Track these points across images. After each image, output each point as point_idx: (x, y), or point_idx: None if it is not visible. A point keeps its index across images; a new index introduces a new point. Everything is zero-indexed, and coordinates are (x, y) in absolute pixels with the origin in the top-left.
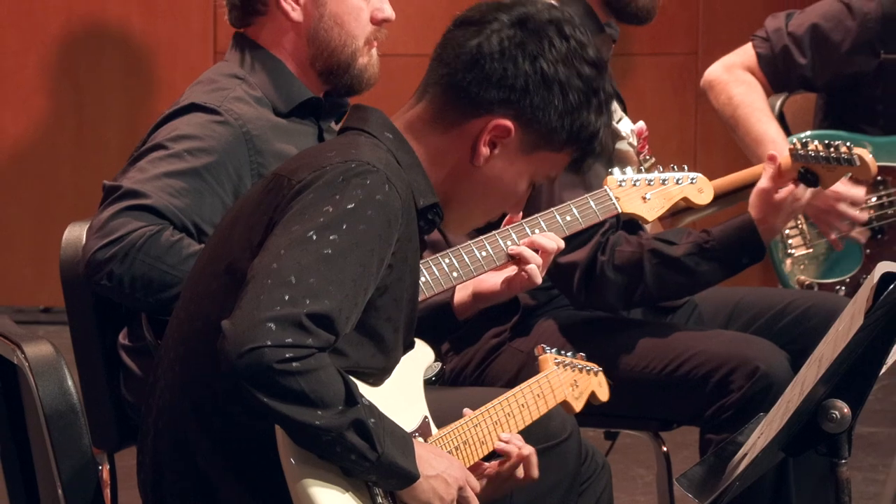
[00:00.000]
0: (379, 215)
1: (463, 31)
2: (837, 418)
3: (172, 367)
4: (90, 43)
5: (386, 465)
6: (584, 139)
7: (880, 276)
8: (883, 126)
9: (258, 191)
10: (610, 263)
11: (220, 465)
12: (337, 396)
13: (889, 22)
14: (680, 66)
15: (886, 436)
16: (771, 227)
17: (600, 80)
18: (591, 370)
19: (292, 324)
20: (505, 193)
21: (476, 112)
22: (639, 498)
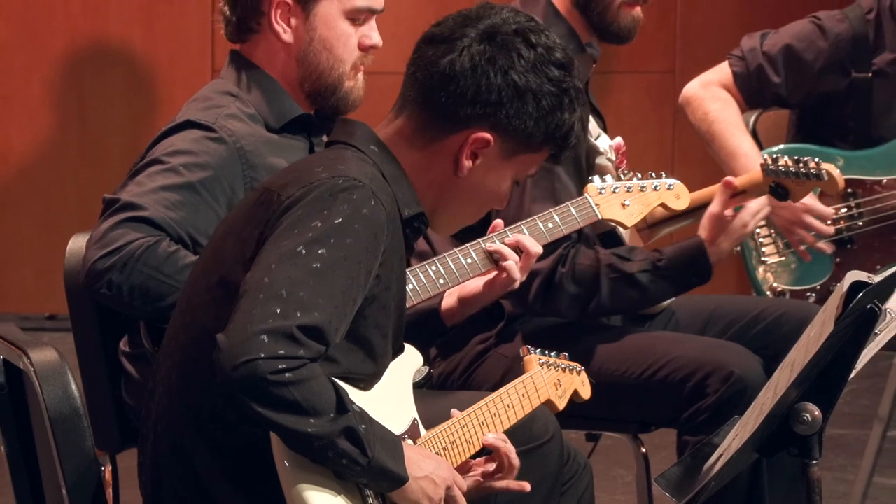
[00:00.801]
0: (365, 229)
1: (434, 48)
2: (809, 421)
3: (170, 374)
4: (93, 61)
5: (376, 468)
6: (560, 137)
7: (850, 285)
8: (853, 141)
9: (249, 204)
10: (569, 275)
11: (216, 467)
12: (328, 405)
13: (859, 42)
14: (658, 84)
15: (855, 437)
16: (719, 250)
17: (569, 79)
18: (573, 369)
19: (284, 336)
20: (489, 196)
21: (455, 128)
22: (619, 497)
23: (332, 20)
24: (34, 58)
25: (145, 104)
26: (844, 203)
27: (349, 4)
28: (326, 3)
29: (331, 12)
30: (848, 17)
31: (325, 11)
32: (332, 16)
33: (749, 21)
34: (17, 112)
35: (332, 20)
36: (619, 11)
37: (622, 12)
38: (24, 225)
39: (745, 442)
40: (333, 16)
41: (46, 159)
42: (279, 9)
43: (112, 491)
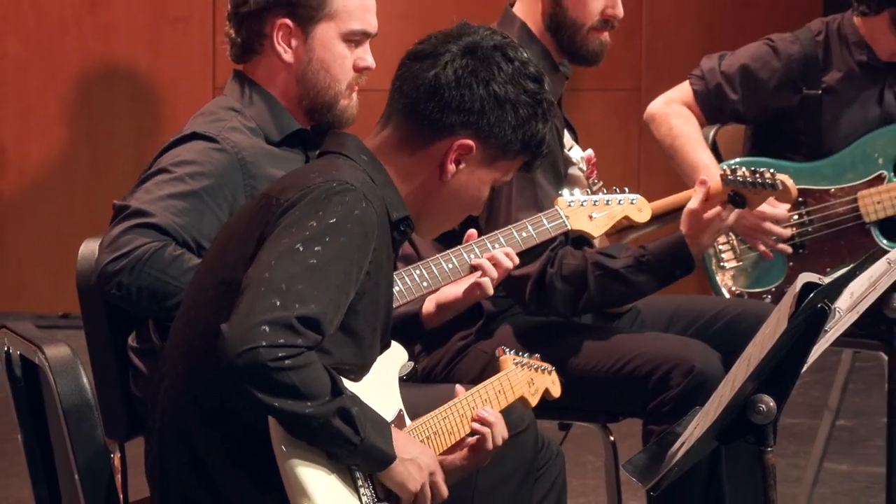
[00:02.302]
0: (357, 228)
1: (419, 63)
2: (764, 411)
3: (175, 366)
4: (103, 80)
5: (367, 447)
6: (534, 145)
7: (801, 286)
8: (805, 153)
9: (250, 209)
10: (558, 275)
11: (220, 452)
12: (324, 389)
13: (809, 62)
14: (625, 101)
15: (807, 426)
16: (699, 244)
17: (542, 92)
18: (545, 370)
19: (284, 326)
20: (470, 200)
21: (440, 135)
22: (589, 482)
23: (329, 42)
24: (48, 76)
25: (150, 119)
26: (796, 211)
27: (345, 28)
28: (324, 25)
29: (328, 35)
30: (799, 39)
31: (323, 34)
32: (330, 38)
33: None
34: (32, 126)
35: (330, 42)
36: (588, 36)
37: (591, 37)
38: (39, 230)
39: (706, 431)
40: (331, 38)
41: (59, 170)
42: (281, 31)
43: (121, 476)
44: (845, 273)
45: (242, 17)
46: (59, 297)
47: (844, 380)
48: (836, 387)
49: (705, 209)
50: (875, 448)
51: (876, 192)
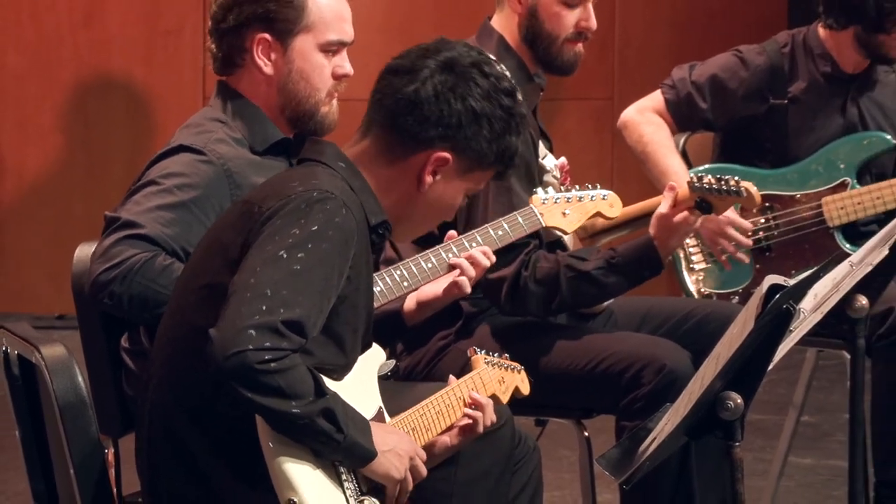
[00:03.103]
0: (338, 235)
1: (398, 78)
2: (732, 407)
3: (162, 367)
4: (98, 91)
5: (350, 444)
6: (508, 157)
7: (768, 288)
8: (771, 160)
9: (231, 216)
10: (532, 278)
11: (207, 447)
12: (308, 389)
13: (776, 73)
14: (599, 110)
15: (773, 422)
16: (667, 246)
17: (516, 106)
18: (514, 368)
19: (269, 330)
20: (445, 208)
21: (418, 148)
22: (564, 476)
23: (307, 53)
24: (46, 87)
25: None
26: (763, 215)
27: (322, 39)
28: (302, 38)
29: (306, 46)
30: (766, 51)
31: (301, 46)
32: (308, 49)
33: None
34: (30, 135)
35: (308, 53)
36: (563, 47)
37: (565, 48)
38: (37, 234)
39: (676, 427)
40: (308, 49)
41: (56, 176)
42: (260, 45)
43: (115, 471)
44: (809, 275)
45: (223, 32)
46: (56, 298)
47: (808, 377)
48: (800, 384)
49: (673, 213)
50: (837, 443)
51: (839, 197)
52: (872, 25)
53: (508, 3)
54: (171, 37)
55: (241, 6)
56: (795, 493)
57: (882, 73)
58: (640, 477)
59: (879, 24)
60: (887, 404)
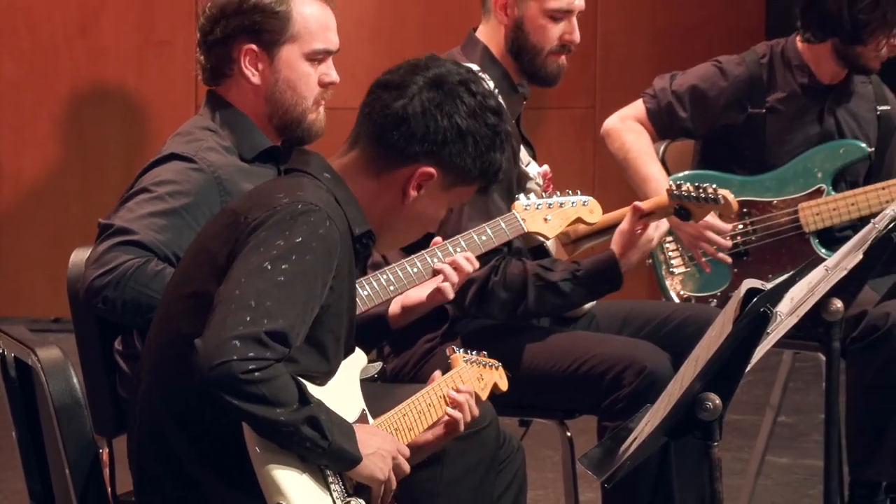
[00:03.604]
0: (321, 247)
1: (387, 93)
2: (711, 408)
3: (150, 372)
4: (93, 99)
5: (335, 450)
6: (492, 174)
7: (745, 291)
8: (749, 168)
9: (218, 225)
10: (501, 283)
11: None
12: (292, 397)
13: (754, 83)
14: (581, 119)
15: (750, 422)
16: (629, 261)
17: (501, 124)
18: (492, 366)
19: (253, 340)
20: (428, 221)
21: (404, 162)
22: (548, 475)
23: (293, 62)
24: (42, 96)
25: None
26: (741, 221)
27: (308, 48)
28: (288, 47)
29: (292, 56)
30: (745, 61)
31: (287, 55)
32: (294, 59)
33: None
34: (27, 142)
35: (294, 62)
36: (546, 59)
37: (549, 60)
38: (34, 239)
39: (656, 427)
40: (295, 58)
41: (53, 183)
42: (247, 55)
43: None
44: (786, 279)
45: (210, 44)
46: (52, 302)
47: (785, 379)
48: (777, 385)
49: (634, 229)
50: (813, 443)
51: (815, 204)
52: (849, 38)
53: (495, 15)
54: (163, 47)
55: (228, 18)
56: (772, 492)
57: (858, 85)
58: (622, 476)
59: (856, 36)
60: (861, 405)
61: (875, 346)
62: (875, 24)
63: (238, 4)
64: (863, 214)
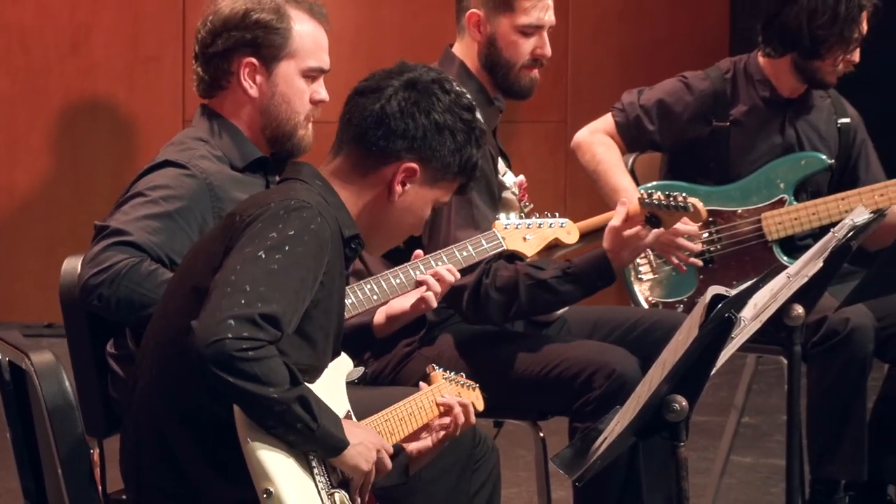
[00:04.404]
0: (313, 241)
1: (365, 97)
2: (677, 410)
3: (150, 369)
4: (84, 114)
5: (324, 434)
6: (469, 168)
7: (710, 297)
8: (714, 178)
9: (216, 228)
10: (492, 286)
11: (191, 447)
12: (284, 378)
13: (719, 97)
14: (553, 132)
15: (716, 423)
16: (619, 259)
17: (476, 121)
18: (470, 386)
19: (247, 321)
20: (415, 219)
21: (387, 160)
22: (521, 474)
23: (290, 78)
24: (35, 110)
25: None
26: (707, 229)
27: (304, 65)
28: (286, 63)
29: (289, 71)
30: (709, 77)
31: (285, 71)
32: (291, 74)
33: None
34: (20, 155)
35: (291, 78)
36: (519, 73)
37: (521, 74)
38: (27, 248)
39: (625, 428)
40: (291, 74)
41: (45, 193)
42: (247, 68)
43: (100, 470)
44: (749, 286)
45: (210, 56)
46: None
47: (749, 382)
48: (741, 388)
49: (625, 228)
50: (776, 443)
51: (778, 213)
52: (808, 53)
53: (469, 32)
54: (152, 63)
55: (230, 31)
56: (736, 490)
57: (817, 99)
58: (592, 475)
59: (815, 52)
60: (821, 407)
61: (835, 350)
62: (833, 41)
63: (241, 19)
64: (823, 224)
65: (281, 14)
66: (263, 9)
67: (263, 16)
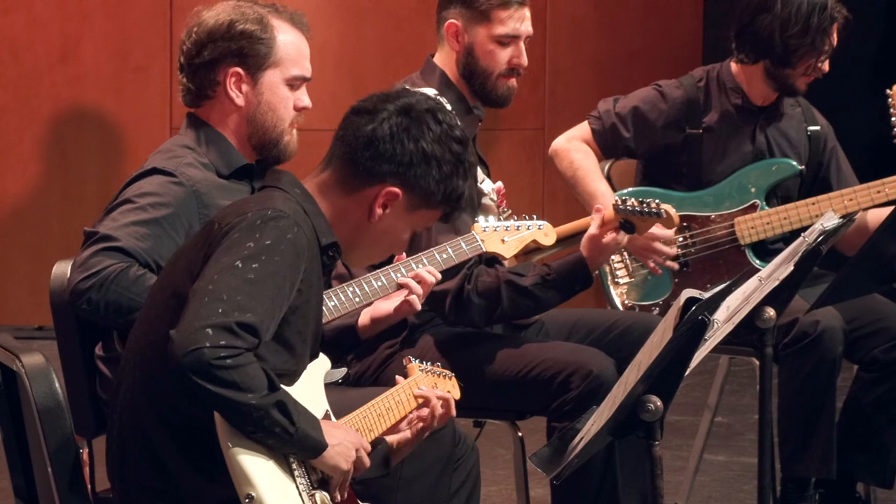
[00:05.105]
0: (289, 250)
1: (360, 117)
2: (652, 410)
3: (133, 371)
4: (73, 122)
5: (302, 437)
6: (454, 199)
7: (685, 300)
8: (687, 184)
9: (196, 235)
10: (474, 291)
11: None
12: (262, 384)
13: (692, 105)
14: (531, 139)
15: (689, 423)
16: (596, 263)
17: (465, 153)
18: (446, 375)
19: (225, 330)
20: (393, 241)
21: (372, 181)
22: (500, 472)
23: (275, 87)
24: (25, 119)
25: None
26: (681, 234)
27: (288, 73)
28: (271, 72)
29: (274, 80)
30: (683, 85)
31: (270, 79)
32: (276, 83)
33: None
34: (11, 163)
35: (276, 87)
36: (497, 82)
37: (499, 83)
38: (18, 253)
39: (602, 427)
40: (276, 83)
41: (36, 200)
42: (233, 77)
43: (89, 469)
44: (722, 289)
45: (196, 67)
46: (35, 311)
47: (722, 382)
48: (714, 388)
49: (602, 234)
50: (748, 441)
51: (750, 218)
52: (780, 61)
53: (448, 42)
54: (140, 73)
55: (216, 42)
56: (710, 487)
57: (788, 107)
58: (569, 473)
59: (786, 60)
60: (792, 406)
61: (805, 351)
62: (804, 50)
63: (227, 30)
64: (794, 228)
65: (264, 24)
66: (247, 20)
67: (248, 26)
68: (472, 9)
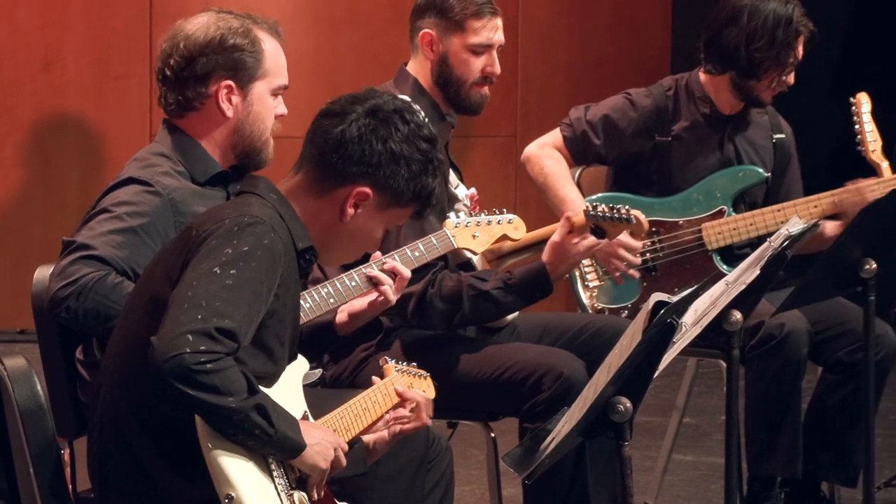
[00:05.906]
0: (266, 255)
1: (329, 120)
2: (622, 411)
3: (112, 374)
4: (55, 129)
5: (281, 438)
6: (424, 197)
7: (654, 304)
8: (657, 190)
9: (174, 241)
10: (437, 295)
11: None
12: (241, 388)
13: (661, 113)
14: (503, 146)
15: (658, 424)
16: (558, 271)
17: (434, 151)
18: (421, 375)
19: (205, 335)
20: (365, 240)
21: (342, 182)
22: (473, 472)
23: (263, 97)
24: (7, 127)
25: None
26: (650, 239)
27: (274, 84)
28: (259, 83)
29: (262, 91)
30: (652, 94)
31: (259, 90)
32: (263, 94)
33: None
34: None
35: (263, 97)
36: (470, 90)
37: (472, 91)
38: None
39: (572, 428)
40: (264, 93)
41: (18, 206)
42: (225, 90)
43: (70, 470)
44: (690, 293)
45: (185, 79)
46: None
47: (690, 383)
48: (682, 390)
49: (566, 242)
50: (715, 442)
51: (717, 223)
52: (745, 72)
53: (422, 51)
54: (120, 81)
55: (208, 56)
56: (678, 486)
57: (755, 115)
58: (541, 473)
59: (752, 72)
60: (759, 408)
61: (771, 353)
62: (769, 63)
63: (219, 44)
64: (760, 234)
65: (252, 37)
66: (237, 33)
67: (238, 40)
68: (447, 19)
